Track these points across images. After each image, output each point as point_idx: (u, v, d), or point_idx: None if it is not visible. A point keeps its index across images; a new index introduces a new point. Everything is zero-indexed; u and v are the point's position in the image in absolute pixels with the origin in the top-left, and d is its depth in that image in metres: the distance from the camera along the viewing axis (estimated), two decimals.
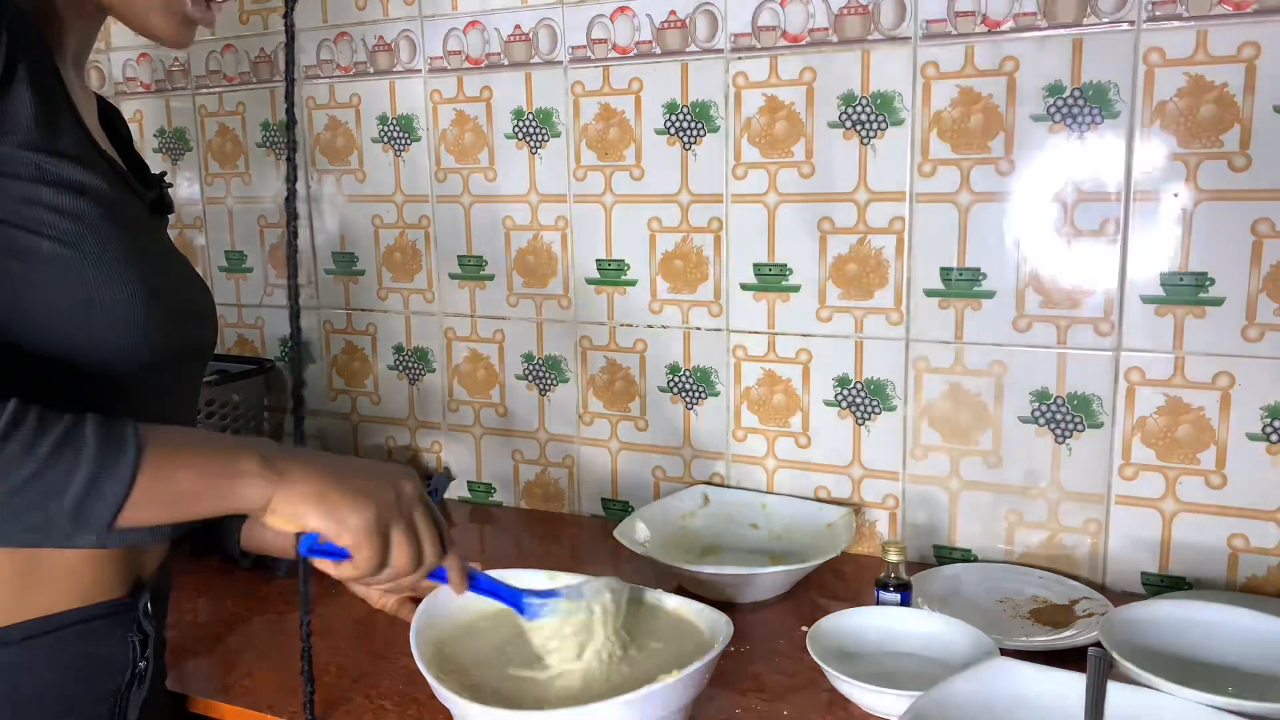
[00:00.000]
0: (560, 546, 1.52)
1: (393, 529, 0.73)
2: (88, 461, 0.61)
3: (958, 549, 1.38)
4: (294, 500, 0.69)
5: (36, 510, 0.61)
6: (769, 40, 1.37)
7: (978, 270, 1.30)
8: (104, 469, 0.61)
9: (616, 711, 0.83)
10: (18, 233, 0.67)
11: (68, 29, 0.76)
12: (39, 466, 0.60)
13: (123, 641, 0.79)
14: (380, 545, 0.72)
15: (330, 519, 0.70)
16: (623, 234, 1.51)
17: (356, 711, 1.03)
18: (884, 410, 1.39)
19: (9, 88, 0.66)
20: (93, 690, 0.78)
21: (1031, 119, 1.25)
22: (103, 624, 0.78)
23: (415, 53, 1.61)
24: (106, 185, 0.73)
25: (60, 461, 0.60)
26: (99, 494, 0.61)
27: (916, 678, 1.03)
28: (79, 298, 0.69)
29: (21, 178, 0.67)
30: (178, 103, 1.87)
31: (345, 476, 0.72)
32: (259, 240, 1.84)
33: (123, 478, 0.62)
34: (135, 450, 0.63)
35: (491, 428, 1.68)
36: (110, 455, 0.62)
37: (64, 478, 0.60)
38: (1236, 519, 1.23)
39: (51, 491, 0.60)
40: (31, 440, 0.60)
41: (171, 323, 0.76)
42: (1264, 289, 1.17)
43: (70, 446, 0.61)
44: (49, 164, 0.68)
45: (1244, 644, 1.02)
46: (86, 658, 0.77)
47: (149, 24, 0.76)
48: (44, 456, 0.60)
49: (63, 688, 0.76)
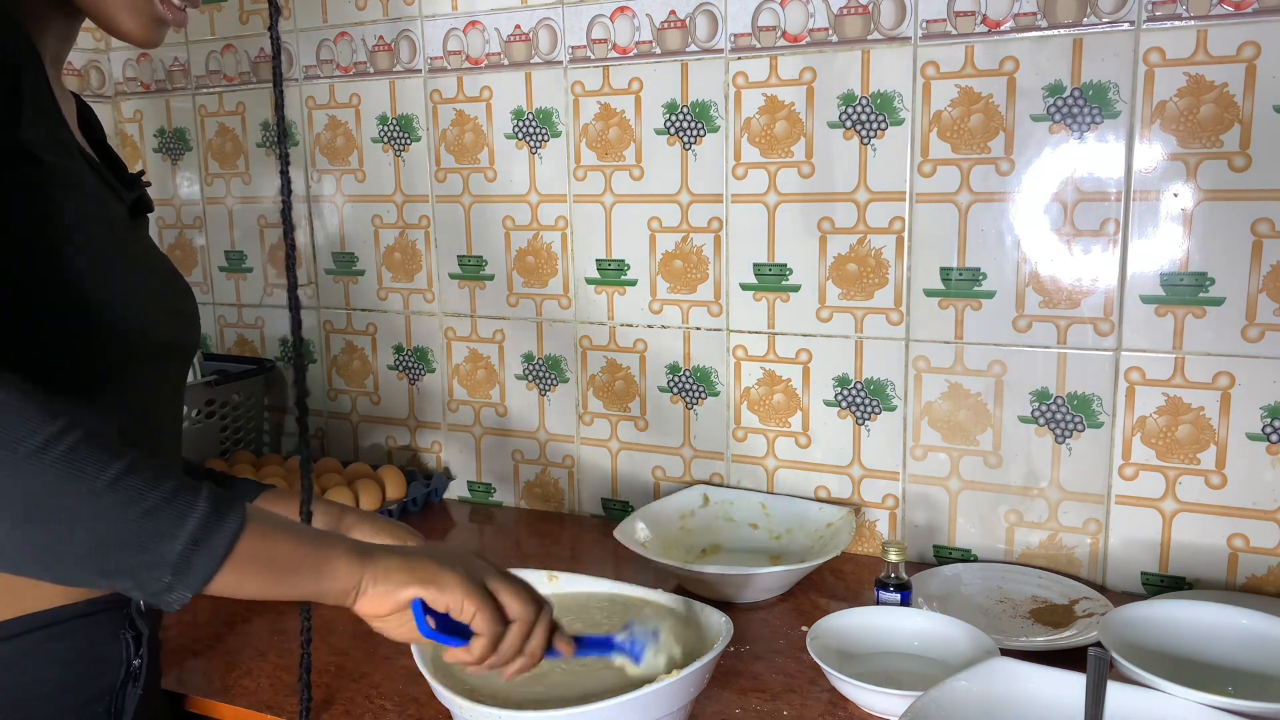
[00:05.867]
0: (560, 546, 1.52)
1: (488, 579, 0.75)
2: (201, 511, 0.61)
3: (957, 549, 1.38)
4: (384, 575, 0.71)
5: (144, 550, 0.59)
6: (769, 40, 1.37)
7: (978, 270, 1.30)
8: (212, 522, 0.61)
9: (616, 711, 0.83)
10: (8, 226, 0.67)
11: (47, 29, 0.76)
12: (158, 503, 0.59)
13: (116, 638, 0.79)
14: (486, 597, 0.74)
15: (427, 583, 0.72)
16: (623, 234, 1.51)
17: (356, 711, 1.03)
18: (884, 410, 1.39)
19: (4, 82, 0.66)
20: (87, 688, 0.78)
21: (1031, 119, 1.25)
22: (96, 620, 0.78)
23: (415, 53, 1.61)
24: (91, 184, 0.73)
25: (177, 503, 0.60)
26: (206, 544, 0.61)
27: (916, 678, 1.03)
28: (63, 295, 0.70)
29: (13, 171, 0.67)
30: (178, 103, 1.87)
31: (424, 553, 0.74)
32: (259, 240, 1.84)
33: (229, 533, 0.62)
34: (243, 512, 0.64)
35: (491, 428, 1.68)
36: (219, 512, 0.62)
37: (178, 522, 0.60)
38: (1236, 519, 1.23)
39: (163, 534, 0.60)
40: (153, 480, 0.60)
41: (155, 322, 0.77)
42: (1264, 289, 1.17)
43: (188, 492, 0.61)
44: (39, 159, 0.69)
45: (1244, 644, 1.01)
46: (80, 655, 0.77)
47: (118, 23, 0.76)
48: (165, 495, 0.60)
49: (57, 685, 0.76)
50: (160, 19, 0.77)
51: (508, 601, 0.75)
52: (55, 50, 0.78)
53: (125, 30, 0.76)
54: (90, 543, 0.58)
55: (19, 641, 0.73)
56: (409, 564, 0.72)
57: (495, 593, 0.75)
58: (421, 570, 0.72)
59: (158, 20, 0.77)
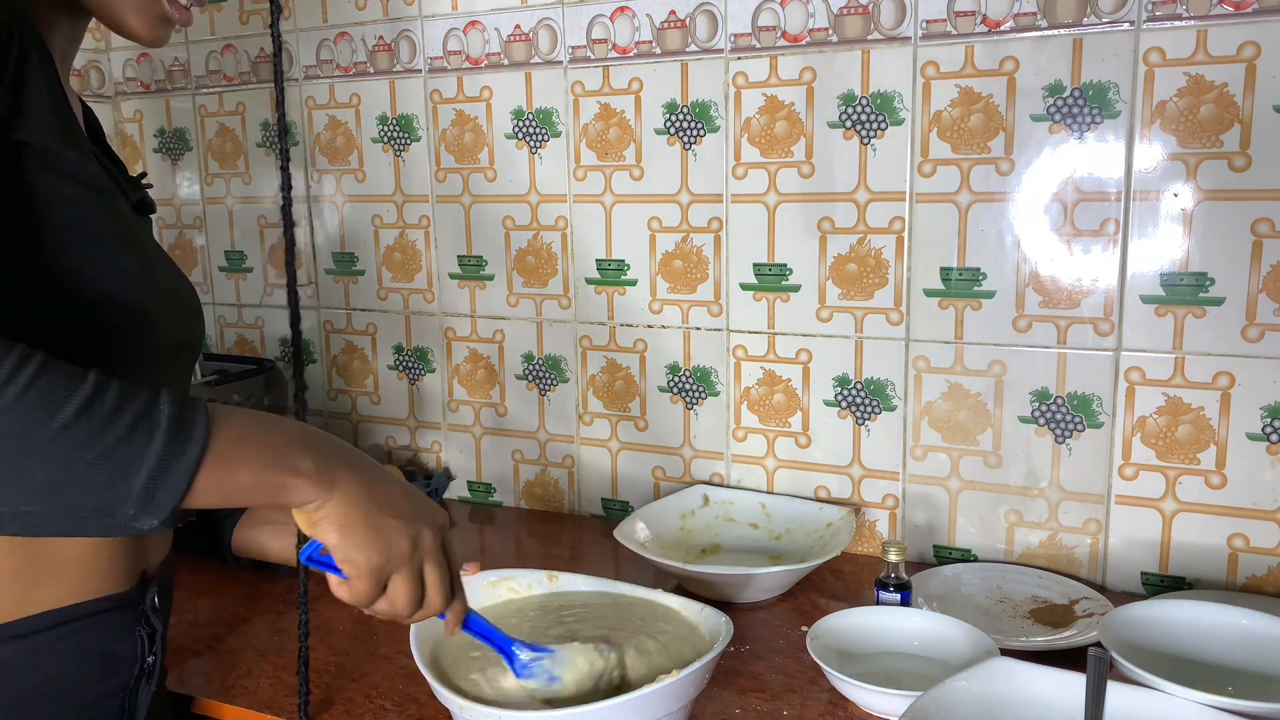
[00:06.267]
0: (560, 546, 1.52)
1: (396, 575, 0.73)
2: (160, 442, 0.59)
3: (957, 549, 1.38)
4: (324, 516, 0.69)
5: (109, 488, 0.58)
6: (769, 40, 1.37)
7: (978, 270, 1.30)
8: (172, 453, 0.59)
9: (616, 711, 0.83)
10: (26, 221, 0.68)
11: (56, 29, 0.77)
12: (116, 441, 0.57)
13: (130, 636, 0.80)
14: (375, 587, 0.72)
15: (343, 547, 0.70)
16: (623, 234, 1.51)
17: (356, 711, 1.03)
18: (884, 410, 1.39)
19: (24, 78, 0.67)
20: (102, 686, 0.78)
21: (1031, 119, 1.25)
22: (110, 618, 0.78)
23: (415, 53, 1.61)
24: (104, 181, 0.74)
25: (136, 439, 0.58)
26: (166, 479, 0.59)
27: (916, 678, 1.03)
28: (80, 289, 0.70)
29: (33, 167, 0.68)
30: (178, 103, 1.87)
31: (376, 511, 0.71)
32: (259, 240, 1.84)
33: (188, 466, 0.60)
34: (204, 438, 0.61)
35: (491, 428, 1.68)
36: (180, 441, 0.60)
37: (138, 457, 0.58)
38: (1236, 519, 1.23)
39: (127, 469, 0.58)
40: (112, 413, 0.58)
41: (166, 317, 0.77)
42: (1264, 289, 1.17)
43: (146, 422, 0.59)
44: (58, 155, 0.70)
45: (1244, 644, 1.01)
46: (94, 652, 0.77)
47: (125, 23, 0.77)
48: (122, 432, 0.58)
49: (72, 683, 0.76)
50: (166, 18, 0.78)
51: (394, 596, 0.73)
52: (64, 50, 0.79)
53: (132, 29, 0.77)
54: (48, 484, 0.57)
55: (33, 640, 0.73)
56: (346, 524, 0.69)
57: (391, 586, 0.73)
58: (348, 534, 0.69)
59: (164, 19, 0.78)
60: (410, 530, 0.72)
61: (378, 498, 0.71)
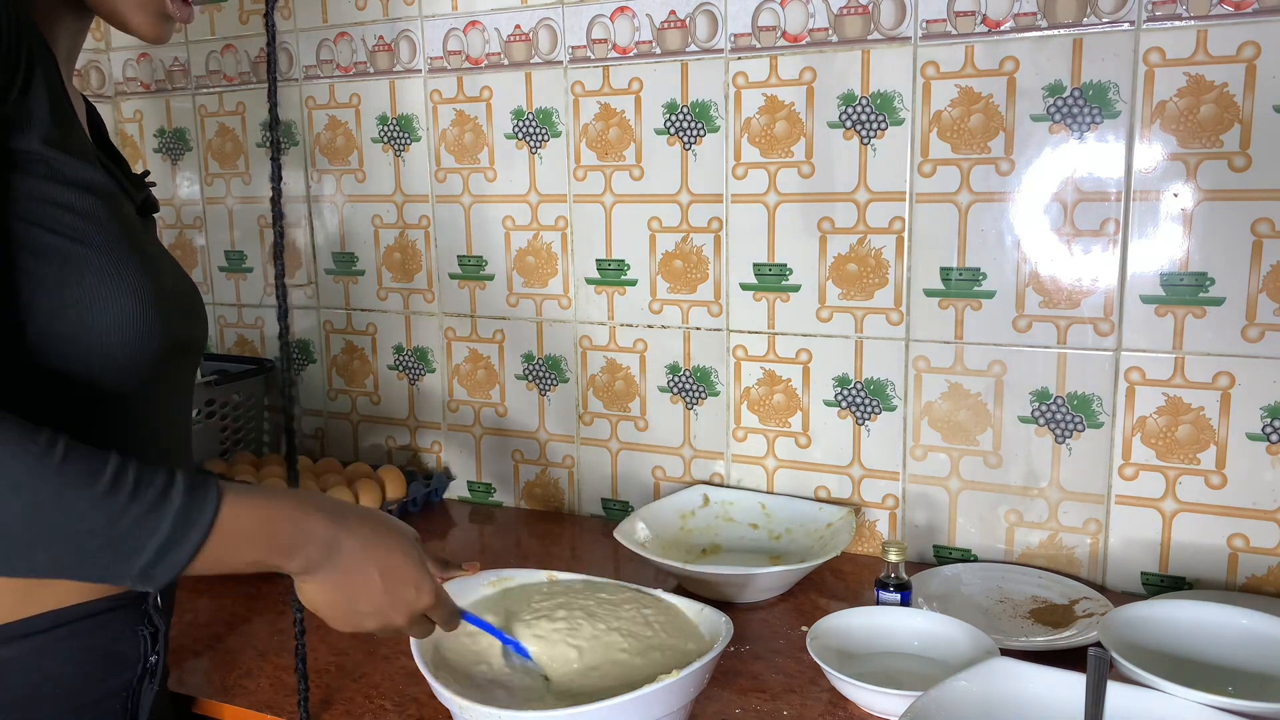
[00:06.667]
0: (560, 546, 1.52)
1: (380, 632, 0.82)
2: (165, 532, 0.63)
3: (957, 549, 1.38)
4: (303, 586, 0.76)
5: (108, 569, 0.62)
6: (769, 40, 1.37)
7: (978, 270, 1.30)
8: (176, 539, 0.63)
9: (616, 711, 0.83)
10: (31, 229, 0.68)
11: (60, 29, 0.77)
12: (128, 528, 0.61)
13: (133, 635, 0.80)
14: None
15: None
16: (623, 234, 1.51)
17: (356, 711, 1.03)
18: (884, 410, 1.39)
19: (29, 84, 0.67)
20: (104, 685, 0.78)
21: (1031, 119, 1.25)
22: (112, 617, 0.78)
23: (415, 53, 1.61)
24: (106, 184, 0.74)
25: (145, 527, 0.62)
26: (167, 561, 0.63)
27: (916, 678, 1.03)
28: (85, 294, 0.70)
29: (35, 174, 0.68)
30: (178, 103, 1.87)
31: (348, 602, 0.77)
32: (259, 240, 1.85)
33: (188, 552, 0.64)
34: (205, 530, 0.65)
35: (491, 428, 1.68)
36: (185, 526, 0.64)
37: (146, 541, 0.62)
38: (1236, 519, 1.23)
39: (130, 555, 0.62)
40: (128, 501, 0.62)
41: (171, 319, 0.77)
42: (1264, 289, 1.17)
43: (156, 513, 0.63)
44: (59, 161, 0.70)
45: (1244, 644, 1.01)
46: (97, 652, 0.77)
47: (128, 20, 0.78)
48: (137, 517, 0.62)
49: (74, 683, 0.76)
50: (168, 15, 0.79)
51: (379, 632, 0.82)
52: (67, 49, 0.80)
53: (135, 27, 0.78)
54: (54, 564, 0.61)
55: (36, 639, 0.73)
56: (333, 600, 0.77)
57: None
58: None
59: (165, 17, 0.79)
60: (379, 619, 0.80)
61: (354, 588, 0.77)
